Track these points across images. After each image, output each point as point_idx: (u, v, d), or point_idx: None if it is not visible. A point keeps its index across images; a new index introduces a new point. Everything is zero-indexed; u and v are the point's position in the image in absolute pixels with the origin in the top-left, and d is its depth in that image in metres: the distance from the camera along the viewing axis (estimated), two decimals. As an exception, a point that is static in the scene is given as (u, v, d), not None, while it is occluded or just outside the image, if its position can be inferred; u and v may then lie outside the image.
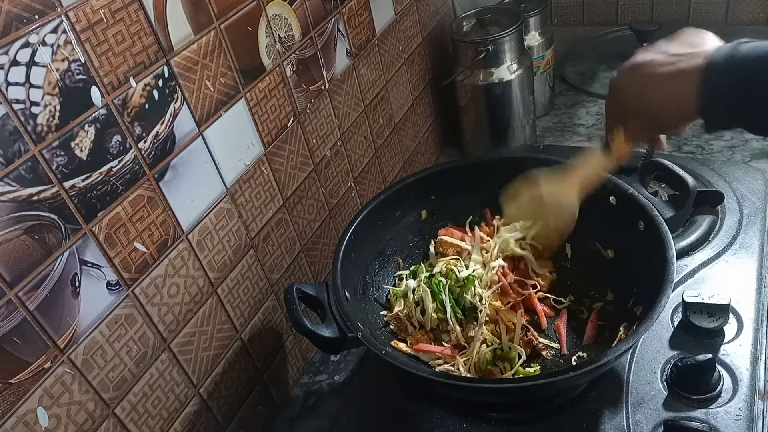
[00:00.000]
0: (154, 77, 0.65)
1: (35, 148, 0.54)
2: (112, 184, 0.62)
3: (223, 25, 0.72)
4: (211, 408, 0.78)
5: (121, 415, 0.65)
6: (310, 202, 0.94)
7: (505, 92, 1.19)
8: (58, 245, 0.57)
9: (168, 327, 0.70)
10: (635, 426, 0.74)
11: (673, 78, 0.62)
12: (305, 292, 0.80)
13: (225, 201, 0.77)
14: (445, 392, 0.79)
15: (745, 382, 0.75)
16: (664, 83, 0.63)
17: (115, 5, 0.60)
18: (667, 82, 0.62)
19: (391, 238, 0.97)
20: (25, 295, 0.54)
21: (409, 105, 1.20)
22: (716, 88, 0.58)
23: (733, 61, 0.57)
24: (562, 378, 0.68)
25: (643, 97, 0.65)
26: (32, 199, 0.54)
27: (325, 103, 0.94)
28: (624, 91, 0.68)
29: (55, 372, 0.58)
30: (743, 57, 0.57)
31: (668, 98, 0.63)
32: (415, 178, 0.98)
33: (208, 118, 0.72)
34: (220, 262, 0.77)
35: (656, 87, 0.64)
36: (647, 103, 0.65)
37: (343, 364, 0.96)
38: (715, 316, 0.81)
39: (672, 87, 0.62)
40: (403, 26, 1.14)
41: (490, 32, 1.14)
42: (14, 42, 0.52)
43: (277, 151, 0.85)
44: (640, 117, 0.68)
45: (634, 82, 0.66)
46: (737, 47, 0.58)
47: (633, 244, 0.83)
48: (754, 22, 1.47)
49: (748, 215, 0.98)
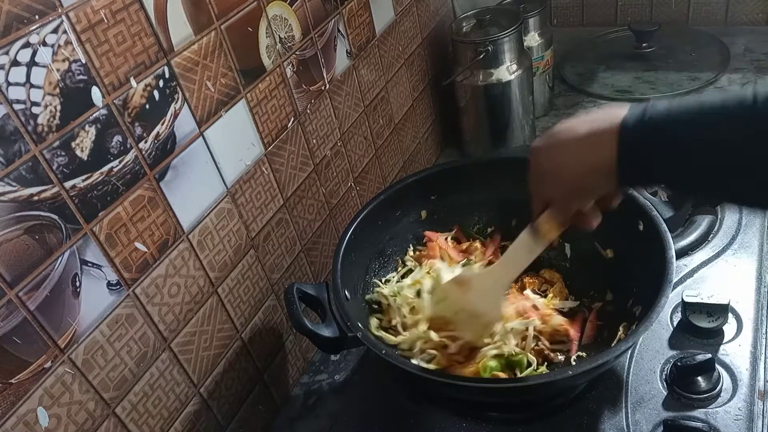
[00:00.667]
0: (155, 77, 0.65)
1: (36, 148, 0.54)
2: (113, 184, 0.62)
3: (223, 26, 0.73)
4: (211, 407, 0.78)
5: (121, 414, 0.65)
6: (311, 202, 0.94)
7: (505, 93, 1.19)
8: (58, 245, 0.57)
9: (168, 327, 0.70)
10: (635, 426, 0.74)
11: (590, 138, 0.60)
12: (305, 292, 0.80)
13: (225, 201, 0.77)
14: (445, 392, 0.79)
15: (745, 382, 0.75)
16: (581, 145, 0.61)
17: (116, 6, 0.60)
18: (584, 143, 0.60)
19: (391, 238, 0.97)
20: (25, 295, 0.54)
21: (409, 105, 1.20)
22: (634, 143, 0.57)
23: (647, 115, 0.56)
24: (561, 378, 0.68)
25: (561, 163, 0.64)
26: (33, 199, 0.54)
27: (325, 104, 0.94)
28: (542, 162, 0.66)
29: (55, 372, 0.58)
30: (657, 112, 0.55)
31: (586, 159, 0.60)
32: (415, 178, 0.98)
33: (208, 118, 0.72)
34: (220, 261, 0.77)
35: (573, 149, 0.62)
36: (566, 169, 0.63)
37: (343, 364, 0.96)
38: (715, 316, 0.81)
39: (589, 147, 0.60)
40: (403, 27, 1.14)
41: (490, 33, 1.15)
42: (15, 42, 0.52)
43: (277, 151, 0.85)
44: (561, 187, 0.65)
45: (551, 149, 0.65)
46: (653, 104, 0.57)
47: (632, 244, 0.83)
48: (754, 22, 1.47)
49: (748, 215, 0.98)
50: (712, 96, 0.54)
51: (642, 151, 0.57)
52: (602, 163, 0.59)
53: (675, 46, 1.45)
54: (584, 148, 0.61)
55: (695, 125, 0.54)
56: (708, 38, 1.45)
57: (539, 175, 0.67)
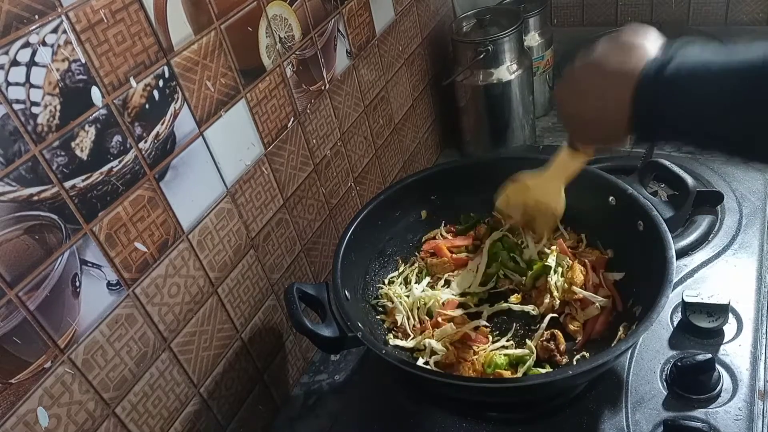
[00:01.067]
0: (155, 77, 0.65)
1: (35, 148, 0.54)
2: (113, 184, 0.62)
3: (223, 26, 0.73)
4: (211, 407, 0.78)
5: (121, 414, 0.65)
6: (311, 202, 0.94)
7: (505, 92, 1.19)
8: (58, 245, 0.57)
9: (168, 327, 0.70)
10: (635, 426, 0.74)
11: (606, 87, 0.60)
12: (305, 292, 0.80)
13: (225, 201, 0.77)
14: (445, 392, 0.79)
15: (745, 382, 0.75)
16: (597, 93, 0.61)
17: (116, 5, 0.60)
18: (600, 93, 0.61)
19: (391, 238, 0.97)
20: (25, 295, 0.54)
21: (409, 105, 1.20)
22: (649, 97, 0.57)
23: (666, 72, 0.56)
24: (561, 378, 0.68)
25: (578, 110, 0.66)
26: (32, 199, 0.54)
27: (325, 104, 0.94)
28: (563, 104, 0.68)
29: (55, 372, 0.58)
30: (677, 67, 0.55)
31: (601, 108, 0.61)
32: (415, 178, 0.98)
33: (208, 118, 0.72)
34: (220, 262, 0.77)
35: (588, 97, 0.63)
36: (583, 116, 0.65)
37: (343, 364, 0.96)
38: (715, 316, 0.81)
39: (604, 97, 0.60)
40: (403, 27, 1.14)
41: (490, 33, 1.15)
42: (14, 42, 0.52)
43: (277, 151, 0.85)
44: (579, 129, 0.69)
45: (569, 94, 0.66)
46: (673, 54, 0.56)
47: (633, 244, 0.83)
48: (754, 22, 1.47)
49: (748, 215, 0.98)
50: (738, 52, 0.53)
51: (656, 110, 0.57)
52: (618, 113, 0.59)
53: (675, 46, 1.45)
54: (600, 97, 0.61)
55: (709, 89, 0.54)
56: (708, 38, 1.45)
57: (564, 112, 0.70)
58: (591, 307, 0.84)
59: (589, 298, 0.84)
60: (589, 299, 0.84)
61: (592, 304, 0.84)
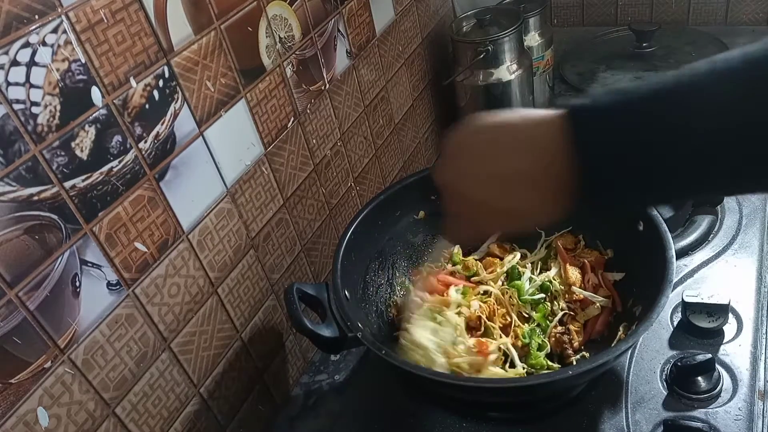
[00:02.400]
0: (155, 77, 0.65)
1: (35, 148, 0.54)
2: (113, 184, 0.62)
3: (223, 26, 0.72)
4: (211, 408, 0.78)
5: (121, 414, 0.65)
6: (311, 202, 0.94)
7: (505, 92, 1.19)
8: (58, 245, 0.57)
9: (168, 327, 0.70)
10: (635, 426, 0.74)
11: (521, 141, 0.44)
12: (305, 292, 0.80)
13: (225, 201, 0.77)
14: (445, 392, 0.79)
15: (745, 382, 0.75)
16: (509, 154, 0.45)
17: (116, 5, 0.60)
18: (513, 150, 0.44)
19: (391, 238, 0.97)
20: (25, 295, 0.54)
21: (409, 105, 1.20)
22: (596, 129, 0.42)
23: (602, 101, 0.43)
24: (561, 378, 0.68)
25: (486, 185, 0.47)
26: (32, 199, 0.54)
27: (325, 104, 0.94)
28: (459, 185, 0.49)
29: (55, 372, 0.58)
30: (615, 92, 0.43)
31: (522, 172, 0.44)
32: (415, 178, 0.98)
33: (208, 118, 0.72)
34: (220, 262, 0.77)
35: (498, 163, 0.46)
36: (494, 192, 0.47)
37: (343, 364, 0.96)
38: (715, 316, 0.81)
39: (522, 152, 0.44)
40: (403, 26, 1.14)
41: (490, 33, 1.15)
42: (14, 42, 0.52)
43: (277, 151, 0.85)
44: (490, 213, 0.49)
45: (464, 169, 0.48)
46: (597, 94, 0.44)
47: (633, 244, 0.83)
48: (754, 22, 1.47)
49: (748, 215, 0.98)
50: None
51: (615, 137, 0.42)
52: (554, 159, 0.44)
53: (675, 46, 1.45)
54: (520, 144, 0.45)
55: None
56: (708, 38, 1.45)
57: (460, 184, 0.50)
58: (591, 307, 0.84)
59: (590, 298, 0.84)
60: (590, 299, 0.84)
61: (592, 304, 0.84)
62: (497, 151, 0.47)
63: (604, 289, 0.86)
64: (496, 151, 0.47)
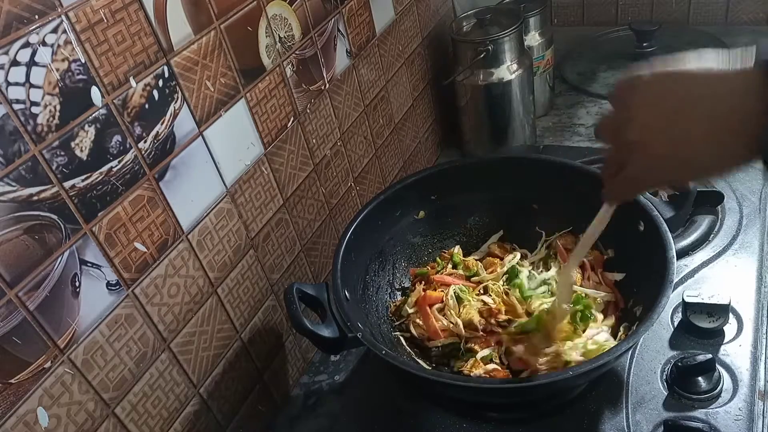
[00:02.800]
0: (154, 77, 0.65)
1: (35, 148, 0.54)
2: (112, 184, 0.62)
3: (223, 25, 0.72)
4: (211, 408, 0.78)
5: (121, 415, 0.65)
6: (310, 202, 0.94)
7: (505, 92, 1.19)
8: (58, 245, 0.57)
9: (168, 327, 0.70)
10: (635, 426, 0.74)
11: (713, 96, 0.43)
12: (305, 292, 0.80)
13: (225, 201, 0.77)
14: (445, 392, 0.79)
15: (745, 382, 0.75)
16: (701, 108, 0.44)
17: (115, 5, 0.60)
18: (706, 106, 0.44)
19: (391, 238, 0.97)
20: (25, 295, 0.54)
21: (409, 105, 1.20)
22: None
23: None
24: (562, 378, 0.68)
25: (676, 133, 0.46)
26: (32, 199, 0.54)
27: (325, 103, 0.94)
28: (650, 131, 0.48)
29: (55, 372, 0.58)
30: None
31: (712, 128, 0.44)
32: (415, 178, 0.98)
33: (208, 118, 0.72)
34: (220, 262, 0.77)
35: (690, 116, 0.45)
36: (682, 142, 0.46)
37: (343, 364, 0.96)
38: (715, 316, 0.81)
39: (715, 109, 0.43)
40: (403, 26, 1.14)
41: (490, 32, 1.14)
42: (14, 42, 0.52)
43: (277, 151, 0.85)
44: (661, 157, 0.48)
45: (654, 116, 0.46)
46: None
47: (633, 245, 0.83)
48: (754, 22, 1.47)
49: (748, 215, 0.98)
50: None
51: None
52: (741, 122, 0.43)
53: (675, 46, 1.45)
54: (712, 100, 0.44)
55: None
56: (708, 38, 1.45)
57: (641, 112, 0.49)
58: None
59: (592, 295, 0.84)
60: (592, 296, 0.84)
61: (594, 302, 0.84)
62: (688, 104, 0.46)
63: (605, 287, 0.86)
64: (688, 104, 0.46)
